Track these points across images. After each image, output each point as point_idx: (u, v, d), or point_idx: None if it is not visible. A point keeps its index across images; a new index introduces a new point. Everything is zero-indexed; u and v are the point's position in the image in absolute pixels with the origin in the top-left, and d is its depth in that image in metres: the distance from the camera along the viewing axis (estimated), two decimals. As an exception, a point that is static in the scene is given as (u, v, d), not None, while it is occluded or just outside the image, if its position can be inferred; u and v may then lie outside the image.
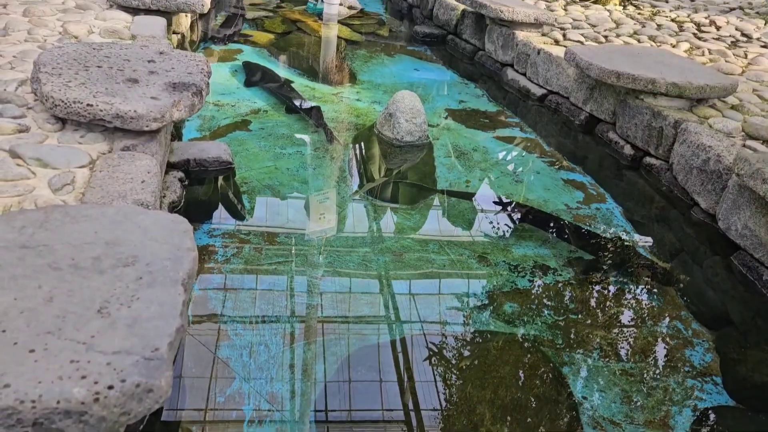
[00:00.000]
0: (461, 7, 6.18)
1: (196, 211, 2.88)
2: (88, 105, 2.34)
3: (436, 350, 2.29)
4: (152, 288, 1.38)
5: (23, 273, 1.38)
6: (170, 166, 2.93)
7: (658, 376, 2.28)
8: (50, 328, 1.24)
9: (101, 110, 2.33)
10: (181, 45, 4.82)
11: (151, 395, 1.14)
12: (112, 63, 2.72)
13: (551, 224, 3.17)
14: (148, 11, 4.24)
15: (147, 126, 2.37)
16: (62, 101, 2.35)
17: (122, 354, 1.18)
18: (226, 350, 2.14)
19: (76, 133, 2.45)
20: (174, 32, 4.65)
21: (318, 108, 4.17)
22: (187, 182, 2.94)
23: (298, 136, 3.84)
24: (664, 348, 2.46)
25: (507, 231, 3.11)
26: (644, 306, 2.70)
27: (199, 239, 2.69)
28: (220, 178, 3.16)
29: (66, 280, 1.38)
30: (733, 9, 6.95)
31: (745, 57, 5.00)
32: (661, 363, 2.37)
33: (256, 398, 1.97)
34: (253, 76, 4.74)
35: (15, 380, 1.11)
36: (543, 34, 5.35)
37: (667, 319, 2.63)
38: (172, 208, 2.69)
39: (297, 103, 4.26)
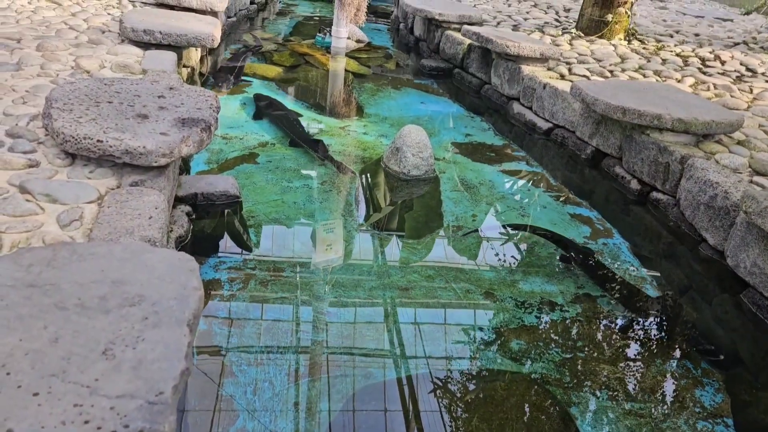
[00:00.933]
0: (467, 41, 6.27)
1: (202, 245, 2.89)
2: (98, 141, 2.37)
3: (442, 387, 2.27)
4: (158, 329, 1.38)
5: (29, 313, 1.38)
6: (178, 200, 2.95)
7: (668, 417, 2.24)
8: (55, 371, 1.24)
9: (111, 146, 2.36)
10: (191, 78, 4.90)
11: (154, 441, 1.13)
12: (122, 98, 2.76)
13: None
14: (159, 46, 4.32)
15: (156, 162, 2.40)
16: (72, 137, 2.38)
17: (126, 398, 1.17)
18: (231, 386, 2.12)
19: (85, 168, 2.48)
20: (184, 66, 4.73)
21: (322, 142, 4.20)
22: (194, 216, 2.96)
23: (305, 169, 3.86)
24: (674, 387, 2.42)
25: (513, 266, 3.10)
26: (653, 344, 2.66)
27: (205, 273, 2.69)
28: (228, 211, 3.18)
29: (72, 320, 1.38)
30: (738, 44, 7.01)
31: (751, 92, 5.03)
32: (670, 403, 2.33)
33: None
34: (263, 108, 4.80)
35: (18, 425, 1.11)
36: (549, 69, 5.41)
37: (677, 358, 2.59)
38: (179, 242, 2.70)
39: (301, 137, 4.29)
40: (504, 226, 3.44)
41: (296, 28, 8.53)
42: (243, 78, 5.64)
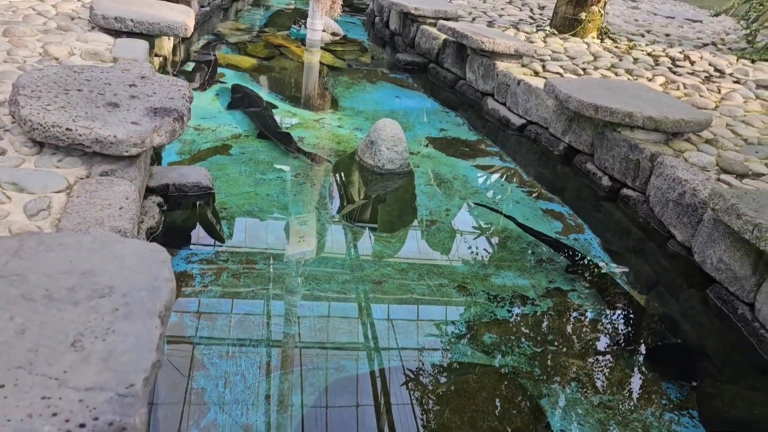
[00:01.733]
0: (443, 36, 6.28)
1: (174, 236, 2.85)
2: (67, 129, 2.31)
3: (415, 381, 2.28)
4: (128, 320, 1.36)
5: (-6, 304, 1.35)
6: (149, 191, 2.90)
7: (636, 409, 2.29)
8: (21, 363, 1.21)
9: (80, 135, 2.31)
10: (163, 68, 4.81)
11: (124, 434, 1.11)
12: (92, 86, 2.70)
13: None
14: (131, 34, 4.24)
15: (127, 151, 2.35)
16: (40, 125, 2.32)
17: (96, 390, 1.15)
18: (202, 379, 2.10)
19: (53, 157, 2.42)
20: (156, 55, 4.65)
21: (290, 134, 4.17)
22: (165, 207, 2.91)
23: (278, 161, 3.83)
24: (642, 380, 2.47)
25: (486, 260, 3.12)
26: (621, 338, 2.71)
27: (177, 265, 2.65)
28: (200, 203, 3.14)
29: (39, 311, 1.35)
30: (707, 45, 7.16)
31: (719, 92, 5.14)
32: (638, 395, 2.38)
33: (232, 429, 1.93)
34: (238, 99, 4.74)
35: (-18, 418, 1.08)
36: (523, 65, 5.45)
37: (645, 352, 2.65)
38: (150, 233, 2.65)
39: (270, 128, 4.26)
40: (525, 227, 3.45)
41: (271, 19, 8.44)
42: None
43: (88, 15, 4.37)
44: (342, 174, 3.88)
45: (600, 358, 2.55)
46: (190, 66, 5.57)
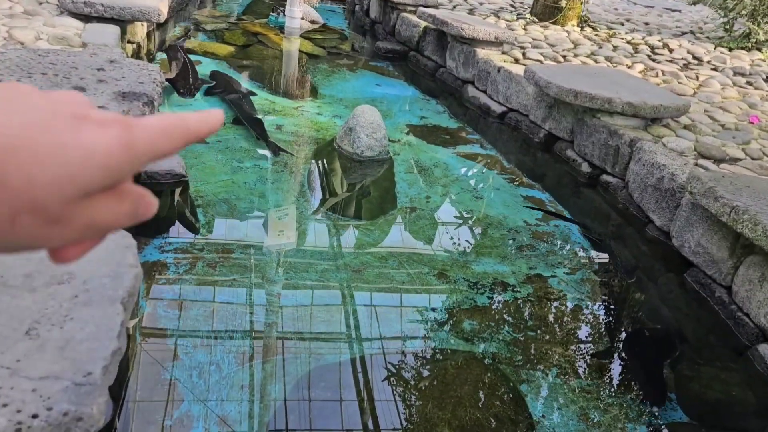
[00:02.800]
0: (423, 24, 6.23)
1: (146, 225, 2.77)
2: (30, 113, 2.22)
3: (396, 368, 2.24)
4: (88, 307, 1.30)
5: (-55, 291, 1.28)
6: (120, 179, 2.82)
7: (615, 394, 2.28)
8: (-29, 352, 1.15)
9: (44, 119, 2.22)
10: (137, 55, 4.70)
11: (81, 424, 1.05)
12: (58, 70, 2.61)
13: None
14: (101, 19, 4.12)
15: (93, 136, 2.27)
16: (2, 109, 2.23)
17: (50, 379, 1.09)
18: (178, 370, 2.04)
19: (17, 142, 2.33)
20: (129, 41, 4.54)
21: (260, 120, 4.10)
22: (137, 195, 2.83)
23: (256, 149, 3.76)
24: (621, 365, 2.46)
25: (467, 247, 3.09)
26: (601, 323, 2.70)
27: (150, 254, 2.58)
28: (174, 191, 3.06)
29: (-7, 298, 1.28)
30: (685, 33, 7.19)
31: (697, 79, 5.15)
32: (618, 380, 2.37)
33: (210, 420, 1.88)
34: (217, 85, 4.66)
35: (-73, 410, 1.02)
36: (503, 53, 5.42)
37: (624, 336, 2.64)
38: (120, 222, 2.58)
39: (247, 115, 4.18)
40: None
41: (249, 6, 8.31)
42: (190, 54, 5.45)
43: None
44: (320, 162, 3.82)
45: (580, 344, 2.54)
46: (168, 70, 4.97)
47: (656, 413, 2.20)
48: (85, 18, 4.10)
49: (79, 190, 0.35)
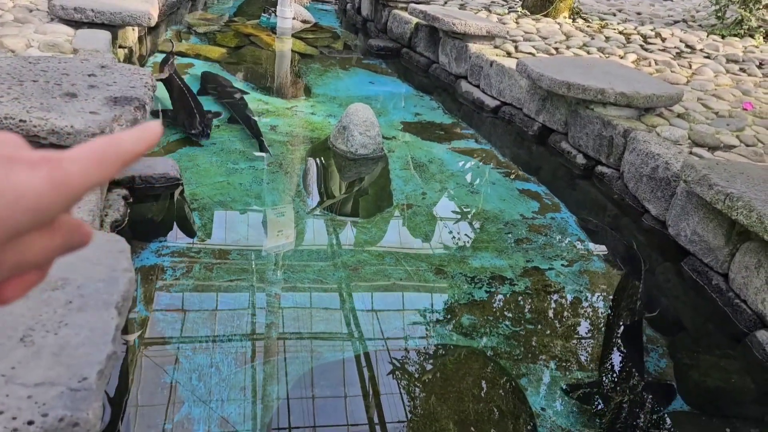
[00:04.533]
0: (415, 20, 6.22)
1: (142, 229, 2.77)
2: (20, 121, 2.22)
3: (396, 365, 2.24)
4: (83, 312, 1.30)
5: (-61, 301, 1.28)
6: (114, 183, 2.82)
7: (615, 384, 2.28)
8: (-34, 360, 1.14)
9: (35, 126, 2.22)
10: (128, 60, 4.69)
11: (77, 429, 1.05)
12: (49, 77, 2.61)
13: None
14: (92, 24, 4.12)
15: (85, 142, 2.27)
16: (-7, 117, 2.23)
17: (45, 385, 1.09)
18: (179, 373, 2.04)
19: (9, 150, 2.33)
20: (121, 46, 4.53)
21: (253, 119, 4.11)
22: (131, 200, 2.83)
23: (251, 150, 3.76)
24: (621, 355, 2.47)
25: (464, 242, 3.09)
26: (599, 314, 2.71)
27: (146, 259, 2.58)
28: (169, 195, 3.06)
29: (-13, 307, 1.28)
30: (677, 22, 7.19)
31: (690, 67, 5.15)
32: (618, 370, 2.37)
33: (212, 421, 1.88)
34: (208, 85, 4.66)
35: None
36: (495, 47, 5.42)
37: (622, 327, 2.64)
38: (115, 226, 2.58)
39: (241, 115, 4.19)
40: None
41: (240, 8, 8.30)
42: (182, 57, 5.45)
43: (47, 6, 4.24)
44: (315, 161, 3.82)
45: (579, 335, 2.54)
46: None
47: (657, 402, 2.21)
48: (76, 24, 4.09)
49: (8, 234, 0.34)
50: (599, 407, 2.16)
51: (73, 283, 1.38)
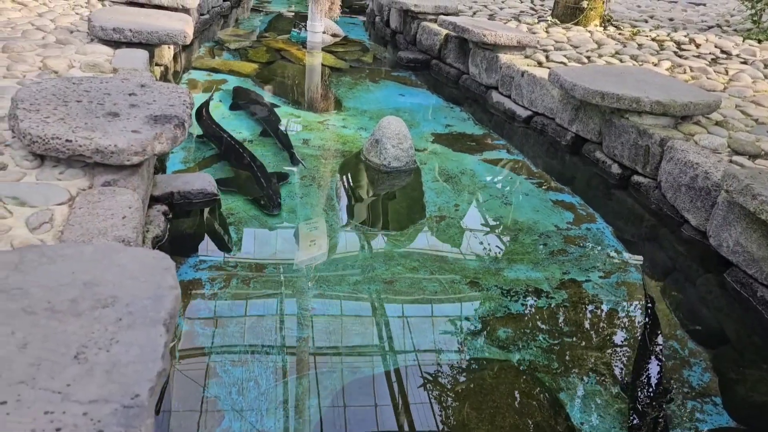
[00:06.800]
0: (444, 32, 6.24)
1: (181, 244, 2.83)
2: (66, 141, 2.29)
3: (432, 379, 2.23)
4: (132, 330, 1.33)
5: (-4, 319, 1.32)
6: (154, 200, 2.88)
7: (657, 398, 2.23)
8: (23, 378, 1.18)
9: (80, 146, 2.29)
10: (164, 77, 4.80)
11: (131, 446, 1.08)
12: (92, 97, 2.68)
13: None
14: (130, 44, 4.23)
15: (128, 160, 2.33)
16: (40, 138, 2.30)
17: (100, 402, 1.12)
18: (215, 386, 2.07)
19: (55, 169, 2.40)
20: (157, 64, 4.64)
21: (285, 133, 4.18)
22: (171, 215, 2.89)
23: (284, 165, 3.80)
24: (661, 368, 2.42)
25: (498, 254, 3.08)
26: (639, 327, 2.66)
27: (185, 273, 2.63)
28: (206, 210, 3.11)
29: (41, 324, 1.32)
30: (711, 27, 7.06)
31: (726, 73, 5.05)
32: (658, 384, 2.32)
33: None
34: (240, 100, 4.75)
35: (-16, 436, 1.05)
36: (526, 57, 5.39)
37: (663, 339, 2.59)
38: (156, 242, 2.63)
39: (272, 128, 4.25)
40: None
41: (271, 24, 8.43)
42: (215, 73, 5.55)
43: (87, 27, 4.37)
44: (348, 174, 3.85)
45: (618, 348, 2.50)
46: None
47: (702, 418, 2.16)
48: (115, 44, 4.21)
49: None
50: (640, 422, 2.11)
51: (121, 301, 1.41)
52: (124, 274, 1.51)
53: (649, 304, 2.81)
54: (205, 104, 4.41)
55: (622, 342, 2.54)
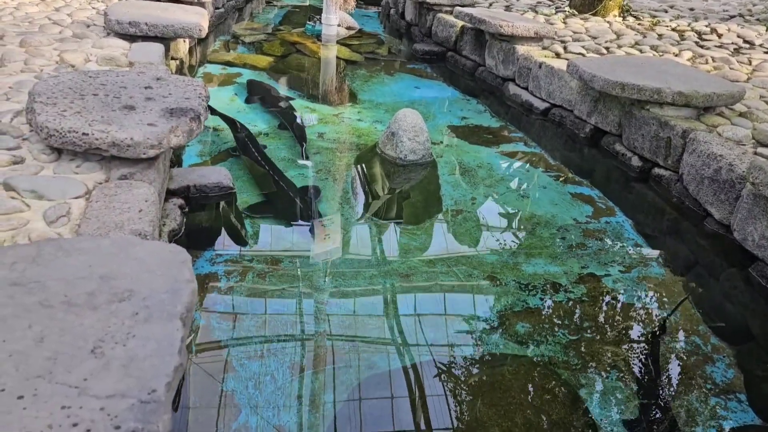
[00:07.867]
0: (460, 23, 6.17)
1: (197, 238, 2.82)
2: (83, 134, 2.29)
3: (448, 374, 2.21)
4: (149, 324, 1.31)
5: (13, 312, 1.32)
6: (170, 193, 2.88)
7: (679, 394, 2.19)
8: (40, 372, 1.17)
9: (97, 139, 2.28)
10: (179, 70, 4.81)
11: (148, 441, 1.06)
12: (108, 90, 2.68)
13: None
14: (146, 38, 4.23)
15: (144, 153, 2.32)
16: (57, 131, 2.31)
17: (117, 397, 1.11)
18: (232, 381, 2.06)
19: (72, 163, 2.40)
20: (173, 58, 4.64)
21: (301, 126, 4.16)
22: (187, 209, 2.89)
23: (299, 158, 3.79)
24: (683, 365, 2.37)
25: (515, 248, 3.04)
26: (660, 322, 2.61)
27: (201, 267, 2.62)
28: (222, 203, 3.10)
29: (58, 318, 1.31)
30: (733, 16, 6.92)
31: (749, 63, 4.95)
32: (680, 380, 2.28)
33: (265, 429, 1.89)
34: (255, 94, 4.74)
35: (1, 430, 1.04)
36: (543, 48, 5.32)
37: (685, 335, 2.54)
38: (173, 236, 2.63)
39: (289, 120, 4.24)
40: None
41: (286, 17, 8.42)
42: (230, 67, 5.55)
43: (103, 21, 4.38)
44: (364, 167, 3.82)
45: (638, 343, 2.45)
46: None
47: (726, 415, 2.11)
48: (131, 38, 4.21)
49: None
50: (662, 418, 2.07)
51: (138, 295, 1.40)
52: (141, 267, 1.49)
53: (670, 300, 2.76)
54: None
55: (642, 337, 2.50)
